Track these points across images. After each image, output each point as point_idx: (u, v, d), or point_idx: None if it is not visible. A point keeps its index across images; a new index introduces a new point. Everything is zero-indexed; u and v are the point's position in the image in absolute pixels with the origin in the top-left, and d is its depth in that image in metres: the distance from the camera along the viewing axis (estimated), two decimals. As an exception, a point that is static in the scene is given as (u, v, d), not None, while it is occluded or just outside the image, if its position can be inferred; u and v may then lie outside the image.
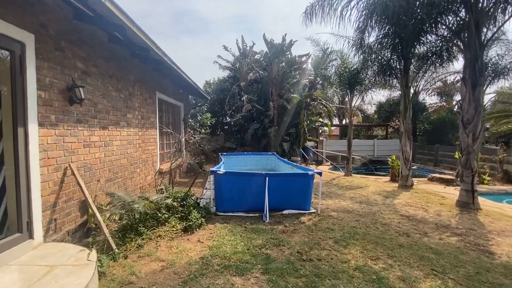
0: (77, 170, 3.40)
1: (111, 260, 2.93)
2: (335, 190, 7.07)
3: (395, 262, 3.05)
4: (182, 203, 4.47)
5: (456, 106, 18.59)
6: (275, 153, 9.67)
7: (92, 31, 3.84)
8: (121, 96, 4.76)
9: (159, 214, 3.96)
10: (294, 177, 5.06)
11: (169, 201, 4.22)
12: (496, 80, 10.48)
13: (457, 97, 18.60)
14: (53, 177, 3.07)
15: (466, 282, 2.64)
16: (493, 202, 5.91)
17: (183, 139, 8.92)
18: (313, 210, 5.06)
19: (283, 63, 11.73)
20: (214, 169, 4.83)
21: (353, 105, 10.62)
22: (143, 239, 3.46)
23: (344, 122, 21.92)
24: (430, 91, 18.55)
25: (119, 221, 3.90)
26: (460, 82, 5.24)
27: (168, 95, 7.65)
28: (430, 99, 19.16)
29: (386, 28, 6.77)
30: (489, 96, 14.70)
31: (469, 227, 4.17)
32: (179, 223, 4.04)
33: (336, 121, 22.23)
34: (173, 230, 3.86)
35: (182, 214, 4.19)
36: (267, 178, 4.77)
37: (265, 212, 4.64)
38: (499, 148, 9.95)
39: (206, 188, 6.85)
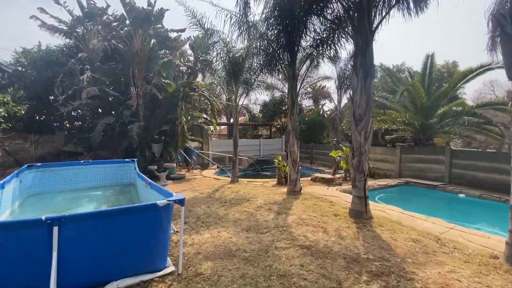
0: None
1: None
2: (216, 209, 5.14)
3: None
4: None
5: (321, 110, 21.58)
6: (135, 160, 6.71)
7: None
8: None
9: None
10: (125, 217, 2.57)
11: None
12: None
13: (322, 102, 21.67)
14: None
15: None
16: (373, 203, 5.69)
17: None
18: (171, 269, 2.81)
19: (153, 39, 8.81)
20: None
21: (240, 103, 9.19)
22: None
23: (232, 120, 21.04)
24: (304, 95, 20.62)
25: None
26: (351, 72, 4.41)
27: None
28: (304, 102, 21.27)
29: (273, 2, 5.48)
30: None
31: (380, 256, 3.15)
32: None
33: (224, 119, 21.09)
34: None
35: None
36: (55, 228, 2.11)
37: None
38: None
39: None
